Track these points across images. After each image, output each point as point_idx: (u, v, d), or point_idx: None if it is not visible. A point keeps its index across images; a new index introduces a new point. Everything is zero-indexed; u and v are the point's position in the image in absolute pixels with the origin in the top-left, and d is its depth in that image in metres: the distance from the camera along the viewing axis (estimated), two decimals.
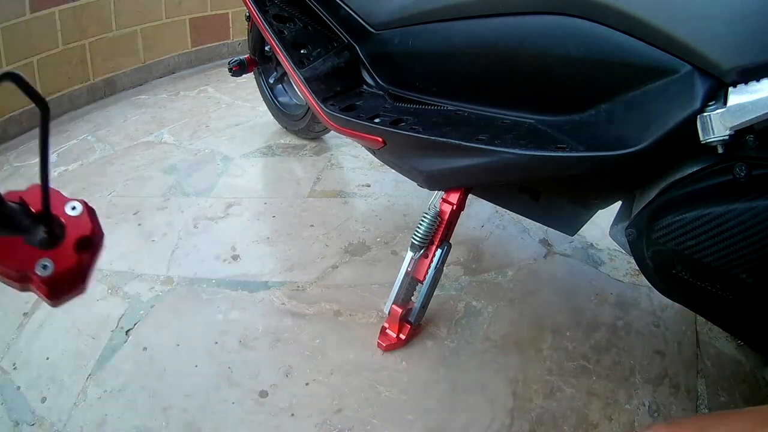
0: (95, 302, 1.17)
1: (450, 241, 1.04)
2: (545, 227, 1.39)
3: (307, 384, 0.99)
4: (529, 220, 1.31)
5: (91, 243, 0.40)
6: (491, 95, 0.96)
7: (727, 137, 0.63)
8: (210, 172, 1.66)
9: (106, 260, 1.29)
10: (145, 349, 1.06)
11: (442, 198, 1.02)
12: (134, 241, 1.36)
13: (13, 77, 0.35)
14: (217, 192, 1.56)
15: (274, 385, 0.99)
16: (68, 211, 0.41)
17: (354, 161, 1.72)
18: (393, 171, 1.26)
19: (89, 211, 0.42)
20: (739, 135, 0.63)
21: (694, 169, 0.70)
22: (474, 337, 1.09)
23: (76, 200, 0.42)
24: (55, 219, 0.40)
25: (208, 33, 2.54)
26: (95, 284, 1.21)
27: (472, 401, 0.97)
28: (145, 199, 1.52)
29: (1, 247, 0.38)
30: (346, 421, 0.93)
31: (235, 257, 1.30)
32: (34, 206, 0.39)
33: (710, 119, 0.63)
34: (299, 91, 1.28)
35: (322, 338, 1.08)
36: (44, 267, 0.39)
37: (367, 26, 1.16)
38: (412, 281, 1.05)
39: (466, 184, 1.00)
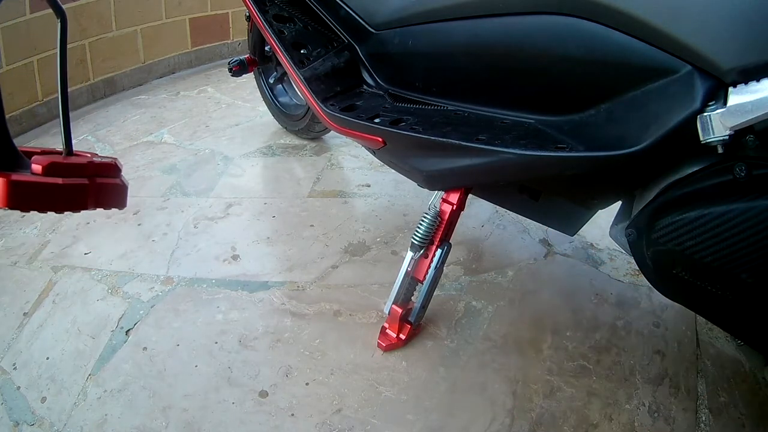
0: (95, 302, 1.17)
1: (450, 241, 1.04)
2: (545, 227, 1.39)
3: (307, 384, 0.99)
4: (529, 220, 1.31)
5: (59, 170, 0.45)
6: (491, 95, 0.96)
7: (727, 137, 0.63)
8: (210, 172, 1.66)
9: (105, 260, 1.29)
10: (144, 349, 1.06)
11: (442, 198, 1.02)
12: (134, 241, 1.36)
13: None
14: (217, 192, 1.56)
15: (274, 385, 0.99)
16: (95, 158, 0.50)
17: (354, 161, 1.72)
18: (393, 171, 1.26)
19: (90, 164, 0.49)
20: (739, 135, 0.63)
21: (694, 169, 0.70)
22: (474, 337, 1.09)
23: (105, 157, 0.51)
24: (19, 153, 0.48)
25: (208, 33, 2.54)
26: (95, 284, 1.22)
27: (472, 401, 0.97)
28: (145, 199, 1.52)
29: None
30: (346, 421, 0.93)
31: (235, 257, 1.30)
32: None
33: (710, 119, 0.63)
34: (299, 91, 1.28)
35: (322, 338, 1.09)
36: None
37: (367, 26, 1.16)
38: (412, 281, 1.05)
39: (466, 184, 1.00)
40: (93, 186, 0.47)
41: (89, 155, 0.51)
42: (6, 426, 0.92)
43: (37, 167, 0.44)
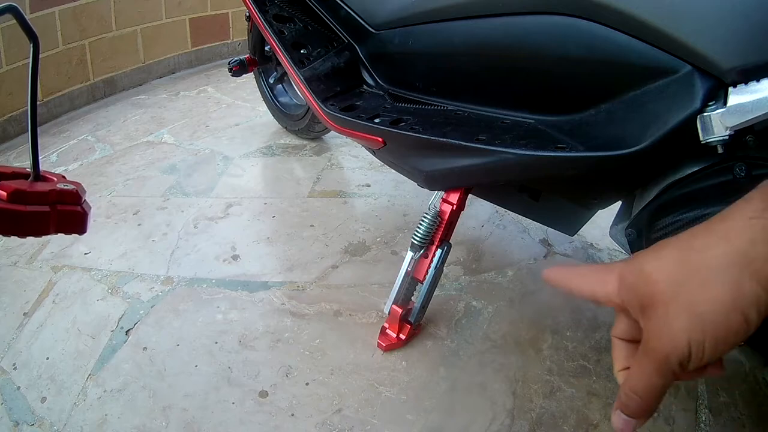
0: (95, 302, 1.17)
1: (450, 241, 1.04)
2: (545, 227, 1.39)
3: (307, 384, 0.99)
4: (529, 220, 1.31)
5: (24, 198, 0.47)
6: (491, 95, 0.96)
7: (727, 137, 0.63)
8: (210, 172, 1.66)
9: (105, 260, 1.29)
10: (145, 349, 1.06)
11: (442, 198, 1.02)
12: (134, 241, 1.36)
13: (11, 10, 0.45)
14: (217, 192, 1.56)
15: (274, 385, 0.99)
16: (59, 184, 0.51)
17: (354, 161, 1.72)
18: (393, 171, 1.26)
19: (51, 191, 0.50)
20: (739, 135, 0.63)
21: (694, 169, 0.70)
22: (474, 337, 1.09)
23: (68, 182, 0.52)
24: None
25: (208, 33, 2.55)
26: (95, 284, 1.22)
27: (472, 401, 0.97)
28: (145, 199, 1.52)
29: None
30: (346, 421, 0.93)
31: (235, 257, 1.30)
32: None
33: (710, 119, 0.63)
34: (299, 91, 1.28)
35: (322, 338, 1.09)
36: None
37: (367, 26, 1.16)
38: (412, 281, 1.05)
39: (466, 184, 1.00)
40: (54, 213, 0.50)
41: (55, 179, 0.53)
42: (6, 426, 0.92)
43: (2, 193, 0.46)
